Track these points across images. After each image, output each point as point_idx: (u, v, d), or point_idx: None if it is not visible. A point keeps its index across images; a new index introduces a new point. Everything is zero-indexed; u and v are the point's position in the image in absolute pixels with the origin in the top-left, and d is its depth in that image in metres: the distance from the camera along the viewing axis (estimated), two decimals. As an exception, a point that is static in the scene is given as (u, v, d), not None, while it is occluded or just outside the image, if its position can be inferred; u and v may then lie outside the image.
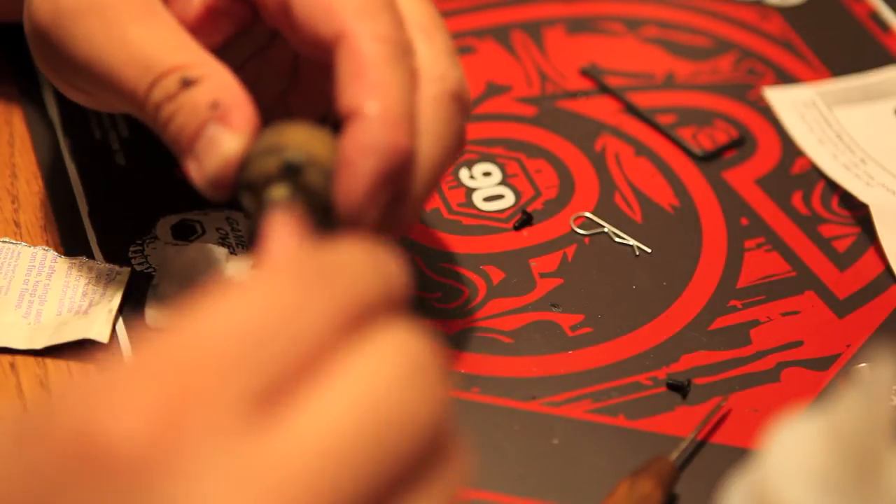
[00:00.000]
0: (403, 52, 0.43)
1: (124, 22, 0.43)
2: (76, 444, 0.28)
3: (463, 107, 0.44)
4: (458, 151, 0.45)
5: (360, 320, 0.30)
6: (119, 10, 0.43)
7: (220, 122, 0.41)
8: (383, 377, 0.29)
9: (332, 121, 0.43)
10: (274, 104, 0.49)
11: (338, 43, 0.42)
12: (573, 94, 0.61)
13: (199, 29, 0.46)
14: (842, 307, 0.52)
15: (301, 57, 0.49)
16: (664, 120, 0.60)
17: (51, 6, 0.45)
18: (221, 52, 0.46)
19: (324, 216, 0.41)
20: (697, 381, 0.48)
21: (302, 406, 0.29)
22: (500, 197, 0.56)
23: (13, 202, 0.54)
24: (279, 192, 0.40)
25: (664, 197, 0.56)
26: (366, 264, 0.31)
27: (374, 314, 0.31)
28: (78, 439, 0.28)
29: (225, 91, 0.42)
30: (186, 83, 0.42)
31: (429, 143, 0.43)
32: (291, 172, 0.41)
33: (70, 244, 0.52)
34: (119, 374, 0.29)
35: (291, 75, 0.50)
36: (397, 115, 0.41)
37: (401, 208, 0.43)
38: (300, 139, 0.41)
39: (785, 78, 0.63)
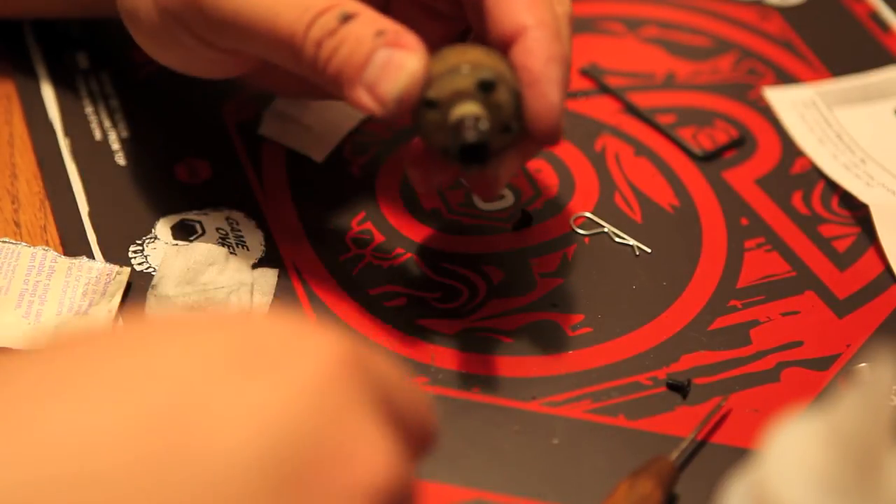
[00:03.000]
0: None
1: None
2: None
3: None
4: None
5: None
6: None
7: (393, 46, 0.43)
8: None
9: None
10: None
11: None
12: (573, 94, 0.61)
13: None
14: (842, 307, 0.52)
15: None
16: (664, 120, 0.60)
17: None
18: None
19: (502, 133, 0.44)
20: (697, 381, 0.48)
21: None
22: (499, 197, 0.56)
23: (13, 202, 0.54)
24: (470, 107, 0.43)
25: (664, 197, 0.56)
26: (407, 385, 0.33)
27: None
28: None
29: (385, 22, 0.44)
30: (346, 18, 0.44)
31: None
32: (484, 89, 0.43)
33: (70, 244, 0.52)
34: None
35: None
36: (556, 28, 0.45)
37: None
38: (481, 58, 0.44)
39: (785, 78, 0.63)
